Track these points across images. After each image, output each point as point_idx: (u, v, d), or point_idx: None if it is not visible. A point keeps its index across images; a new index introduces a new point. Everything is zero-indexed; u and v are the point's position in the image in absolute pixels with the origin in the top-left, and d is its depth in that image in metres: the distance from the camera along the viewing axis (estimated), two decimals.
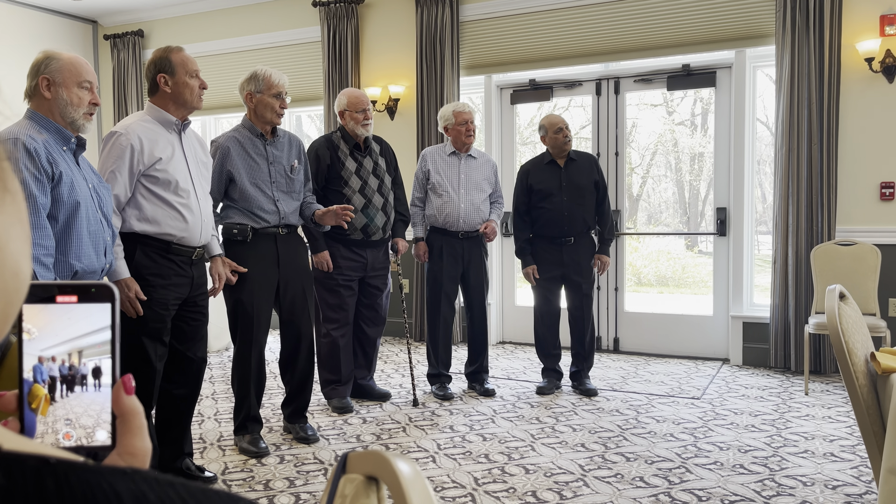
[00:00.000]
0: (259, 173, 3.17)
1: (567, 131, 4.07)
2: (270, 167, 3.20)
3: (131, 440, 0.54)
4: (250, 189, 3.13)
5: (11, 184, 0.38)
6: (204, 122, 6.95)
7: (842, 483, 2.80)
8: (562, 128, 4.05)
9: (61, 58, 2.24)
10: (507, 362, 5.00)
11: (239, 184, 3.12)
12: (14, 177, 0.39)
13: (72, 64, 2.25)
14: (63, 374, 0.54)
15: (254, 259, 3.13)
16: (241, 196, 3.13)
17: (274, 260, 3.19)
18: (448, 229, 4.04)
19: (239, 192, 3.13)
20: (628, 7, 5.07)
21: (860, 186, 4.52)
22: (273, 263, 3.19)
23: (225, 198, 3.20)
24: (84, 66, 2.27)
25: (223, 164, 3.13)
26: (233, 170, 3.12)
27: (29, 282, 0.41)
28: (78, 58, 2.28)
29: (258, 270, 3.14)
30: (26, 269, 0.40)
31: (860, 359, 1.86)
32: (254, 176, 3.15)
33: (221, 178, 3.14)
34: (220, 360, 5.21)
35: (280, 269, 3.21)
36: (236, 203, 3.16)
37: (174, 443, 2.82)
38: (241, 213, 3.16)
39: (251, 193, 3.13)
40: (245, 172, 3.14)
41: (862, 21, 4.47)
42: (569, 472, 2.95)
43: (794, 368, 4.62)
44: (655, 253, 9.03)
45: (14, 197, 0.39)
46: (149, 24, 6.99)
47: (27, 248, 0.40)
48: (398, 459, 0.53)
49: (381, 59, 5.94)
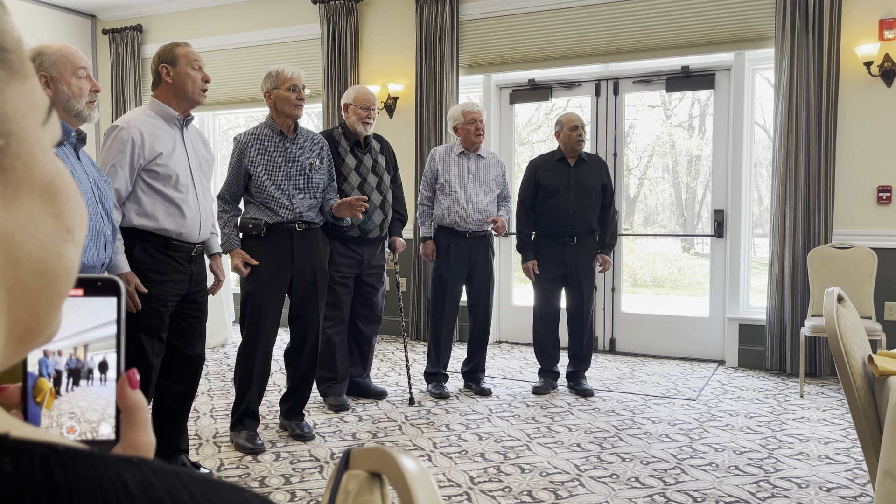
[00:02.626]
0: (276, 169, 3.20)
1: (582, 130, 4.08)
2: (288, 164, 3.24)
3: (135, 434, 0.54)
4: (266, 184, 3.18)
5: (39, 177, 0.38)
6: (203, 119, 6.94)
7: (836, 485, 2.81)
8: (577, 126, 4.06)
9: (52, 50, 2.21)
10: (503, 362, 5.00)
11: (255, 179, 3.18)
12: (41, 168, 0.38)
13: (63, 55, 2.21)
14: (70, 367, 0.54)
15: (267, 253, 3.18)
16: (258, 191, 3.20)
17: (288, 255, 3.23)
18: (456, 229, 4.04)
19: (255, 186, 3.20)
20: (628, 8, 5.07)
21: (857, 190, 4.53)
22: (287, 258, 3.22)
23: (245, 193, 3.25)
24: (75, 54, 2.24)
25: (241, 159, 3.20)
26: (250, 165, 3.18)
27: (67, 278, 0.40)
28: (67, 46, 2.24)
29: (271, 264, 3.18)
30: (59, 266, 0.39)
31: (858, 361, 1.86)
32: (270, 172, 3.20)
33: (240, 174, 3.21)
34: (217, 356, 5.21)
35: (294, 265, 3.23)
36: (253, 198, 3.23)
37: (170, 439, 2.82)
38: (257, 208, 3.22)
39: (267, 188, 3.18)
40: (262, 168, 3.19)
41: (861, 25, 4.48)
42: (564, 471, 2.96)
43: (789, 371, 4.63)
44: (652, 254, 9.05)
45: (43, 189, 0.38)
46: (148, 18, 6.98)
47: (61, 243, 0.39)
48: (403, 456, 0.53)
49: (380, 57, 5.93)
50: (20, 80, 0.37)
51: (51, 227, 0.38)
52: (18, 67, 0.37)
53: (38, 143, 0.38)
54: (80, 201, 0.41)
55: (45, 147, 0.38)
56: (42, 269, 0.38)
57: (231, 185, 3.23)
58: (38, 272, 0.38)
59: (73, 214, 0.40)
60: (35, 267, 0.37)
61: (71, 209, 0.40)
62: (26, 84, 0.37)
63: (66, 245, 0.39)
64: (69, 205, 0.39)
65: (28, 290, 0.37)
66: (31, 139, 0.37)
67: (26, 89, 0.37)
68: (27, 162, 0.37)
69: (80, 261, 0.41)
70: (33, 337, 0.39)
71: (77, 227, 0.40)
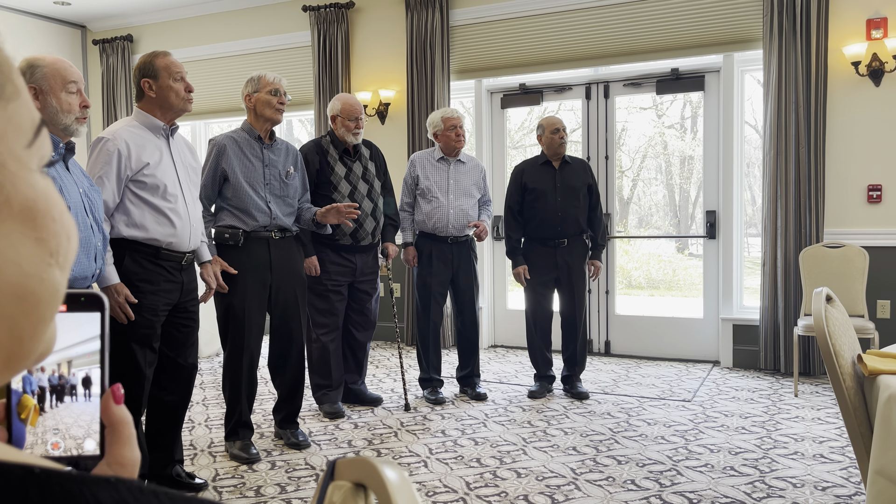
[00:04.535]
0: (253, 173, 3.17)
1: (564, 133, 4.11)
2: (265, 169, 3.21)
3: (120, 450, 0.54)
4: (245, 187, 3.14)
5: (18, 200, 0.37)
6: (194, 128, 6.93)
7: (831, 484, 2.82)
8: (559, 129, 4.09)
9: (44, 63, 2.21)
10: (498, 366, 5.00)
11: (233, 182, 3.13)
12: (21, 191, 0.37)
13: (55, 68, 2.21)
14: (53, 384, 0.54)
15: (246, 263, 3.13)
16: (234, 194, 3.14)
17: (266, 264, 3.19)
18: (437, 234, 4.04)
19: (232, 190, 3.14)
20: (618, 12, 5.10)
21: (848, 189, 4.55)
22: (265, 268, 3.19)
23: (218, 198, 3.20)
24: (68, 68, 2.24)
25: (218, 161, 3.14)
26: (227, 168, 3.13)
27: (50, 302, 0.39)
28: (60, 60, 2.24)
29: (250, 275, 3.14)
30: (41, 290, 0.38)
31: (847, 361, 1.87)
32: (248, 175, 3.16)
33: (216, 177, 3.15)
34: (211, 365, 5.19)
35: (273, 274, 3.21)
36: (229, 202, 3.16)
37: (165, 449, 2.81)
38: (233, 215, 3.16)
39: (244, 192, 3.14)
40: (240, 171, 3.15)
41: (848, 25, 4.51)
42: (560, 475, 2.96)
43: (783, 370, 4.64)
44: (646, 256, 9.06)
45: (23, 213, 0.37)
46: (138, 28, 6.97)
47: (43, 267, 0.38)
48: (385, 466, 0.54)
49: (371, 63, 5.94)
50: (2, 102, 0.36)
51: (31, 251, 0.38)
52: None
53: (19, 165, 0.37)
54: (66, 223, 0.40)
55: (29, 169, 0.38)
56: (22, 294, 0.37)
57: (207, 187, 3.14)
58: (18, 297, 0.37)
59: (58, 237, 0.39)
60: (14, 292, 0.37)
61: (56, 232, 0.39)
62: (10, 105, 0.37)
63: (49, 269, 0.39)
64: (53, 227, 0.39)
65: (8, 315, 0.37)
66: (12, 162, 0.37)
67: (10, 110, 0.37)
68: (3, 185, 0.36)
69: (66, 283, 0.40)
70: (18, 360, 0.39)
71: (62, 249, 0.40)
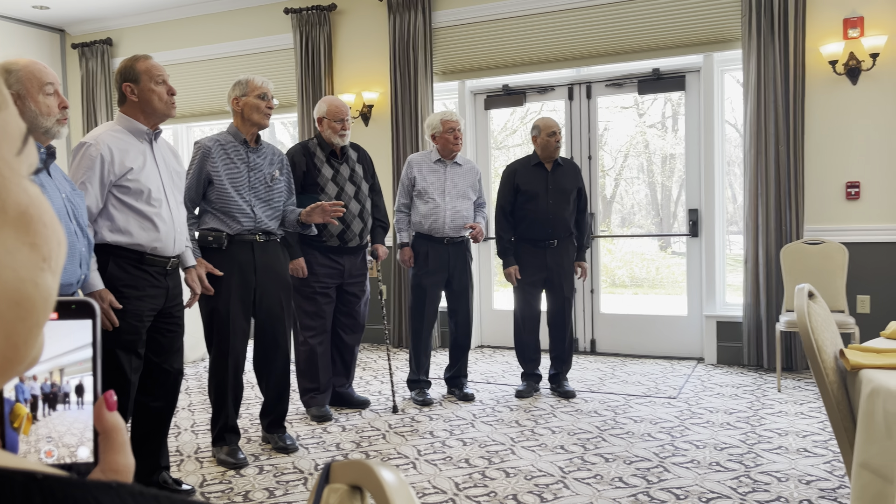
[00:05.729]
0: (238, 177, 3.16)
1: (559, 136, 4.13)
2: (250, 173, 3.19)
3: (114, 457, 0.54)
4: (229, 191, 3.12)
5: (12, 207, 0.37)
6: (176, 131, 6.88)
7: (815, 478, 2.85)
8: (555, 131, 4.11)
9: (19, 66, 2.17)
10: (485, 366, 5.01)
11: (217, 184, 3.12)
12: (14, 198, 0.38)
13: (30, 71, 2.17)
14: (45, 392, 0.54)
15: (230, 267, 3.12)
16: (219, 197, 3.13)
17: (251, 267, 3.17)
18: (433, 235, 4.05)
19: (216, 192, 3.12)
20: (598, 13, 5.13)
21: (827, 186, 4.61)
22: (250, 271, 3.17)
23: (202, 201, 3.18)
24: (43, 70, 2.20)
25: (203, 164, 3.12)
26: (212, 171, 3.12)
27: (44, 306, 0.40)
28: (34, 62, 2.21)
29: (234, 278, 3.12)
30: (36, 295, 0.39)
31: (829, 356, 1.90)
32: (233, 179, 3.15)
33: (200, 179, 3.13)
34: (197, 370, 5.16)
35: (257, 277, 3.19)
36: (213, 205, 3.15)
37: (151, 456, 2.79)
38: (216, 218, 3.14)
39: (229, 195, 3.12)
40: (224, 174, 3.13)
41: (825, 25, 4.57)
42: (549, 474, 2.97)
43: (766, 366, 4.70)
44: (629, 255, 9.12)
45: (16, 219, 0.38)
46: (117, 32, 6.91)
47: (37, 271, 0.39)
48: (382, 468, 0.54)
49: (354, 65, 5.93)
50: None
51: (26, 256, 0.38)
52: None
53: (11, 172, 0.37)
54: (57, 228, 0.40)
55: (19, 176, 0.38)
56: (18, 299, 0.38)
57: (190, 189, 3.12)
58: (14, 302, 0.38)
59: (50, 242, 0.40)
60: (10, 297, 0.37)
61: (48, 237, 0.39)
62: (0, 115, 0.37)
63: (43, 273, 0.39)
64: (45, 233, 0.39)
65: (4, 320, 0.37)
66: (5, 170, 0.37)
67: (1, 120, 0.37)
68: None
69: (57, 288, 0.41)
70: (12, 366, 0.39)
71: (54, 254, 0.40)
